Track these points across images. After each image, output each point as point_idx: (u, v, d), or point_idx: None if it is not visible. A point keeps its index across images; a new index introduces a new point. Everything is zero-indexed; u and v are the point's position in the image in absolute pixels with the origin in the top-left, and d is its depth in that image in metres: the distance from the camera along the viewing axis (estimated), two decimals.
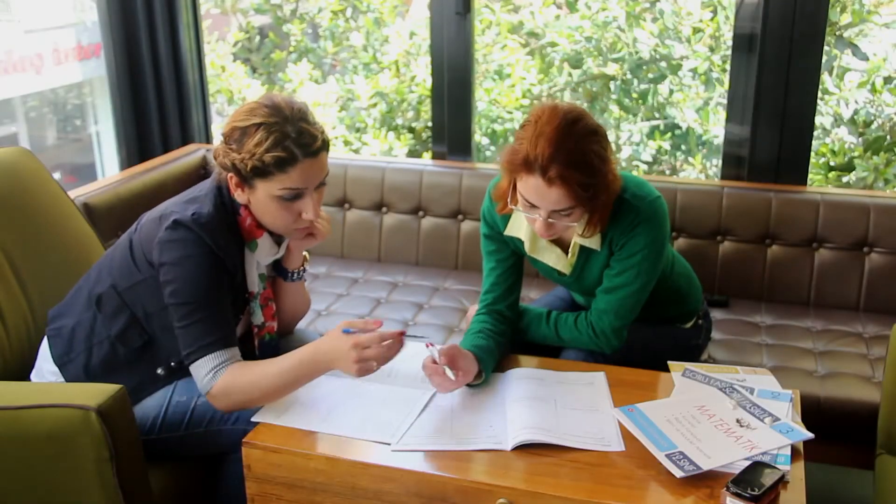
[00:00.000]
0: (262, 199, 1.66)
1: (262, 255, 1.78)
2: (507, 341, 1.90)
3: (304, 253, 1.89)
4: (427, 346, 1.65)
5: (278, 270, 1.89)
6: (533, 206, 1.71)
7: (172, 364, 1.77)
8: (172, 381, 1.78)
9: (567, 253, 1.89)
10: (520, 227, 1.88)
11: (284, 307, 1.92)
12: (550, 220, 1.71)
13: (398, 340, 1.61)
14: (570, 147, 1.64)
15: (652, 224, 1.79)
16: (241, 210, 1.71)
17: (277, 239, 1.81)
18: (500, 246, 1.94)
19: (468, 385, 1.72)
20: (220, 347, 1.63)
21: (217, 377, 1.62)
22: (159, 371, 1.77)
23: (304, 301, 1.97)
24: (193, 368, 1.64)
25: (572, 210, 1.70)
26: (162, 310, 1.71)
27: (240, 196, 1.69)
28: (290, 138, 1.60)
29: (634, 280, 1.82)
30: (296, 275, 1.89)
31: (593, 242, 1.83)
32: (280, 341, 1.94)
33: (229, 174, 1.66)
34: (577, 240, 1.84)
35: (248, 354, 1.73)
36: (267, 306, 1.82)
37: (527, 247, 1.89)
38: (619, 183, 1.76)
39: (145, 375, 1.77)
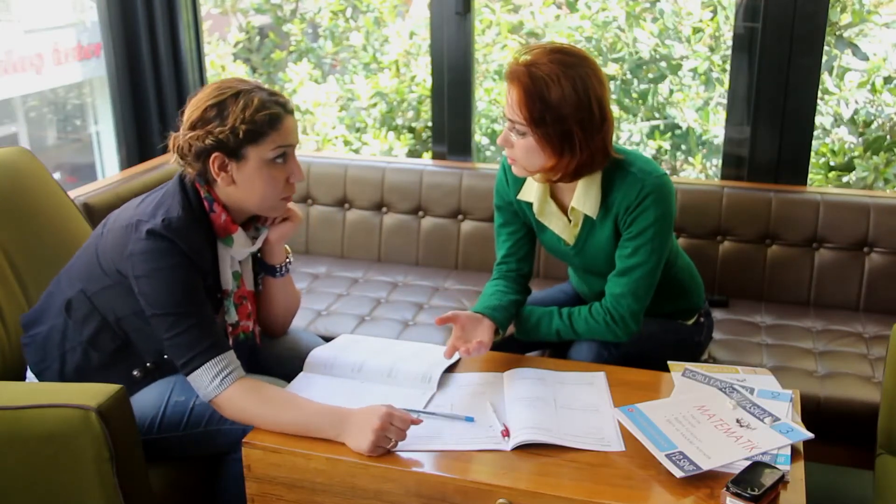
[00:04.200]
0: (251, 171, 1.66)
1: (237, 250, 1.76)
2: (522, 299, 1.99)
3: (286, 246, 1.89)
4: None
5: (265, 269, 1.89)
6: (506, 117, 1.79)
7: (148, 365, 1.77)
8: (150, 383, 1.78)
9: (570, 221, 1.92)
10: (531, 191, 1.92)
11: (278, 305, 1.92)
12: (510, 133, 1.78)
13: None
14: (542, 63, 1.72)
15: (660, 199, 1.81)
16: (215, 207, 1.70)
17: (253, 234, 1.81)
18: (511, 217, 2.00)
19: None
20: (216, 353, 1.62)
21: (224, 386, 1.61)
22: (135, 373, 1.76)
23: (295, 297, 1.97)
24: (193, 378, 1.62)
25: (524, 130, 1.74)
26: (133, 314, 1.70)
27: (224, 179, 1.67)
28: (270, 99, 1.65)
29: (649, 258, 1.83)
30: (283, 269, 1.89)
31: (589, 208, 1.85)
32: (276, 342, 1.95)
33: (213, 155, 1.65)
34: (573, 204, 1.86)
35: None
36: (241, 305, 1.80)
37: (535, 208, 1.92)
38: (595, 156, 1.77)
39: (122, 379, 1.74)
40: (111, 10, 3.18)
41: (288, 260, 1.91)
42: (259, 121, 1.63)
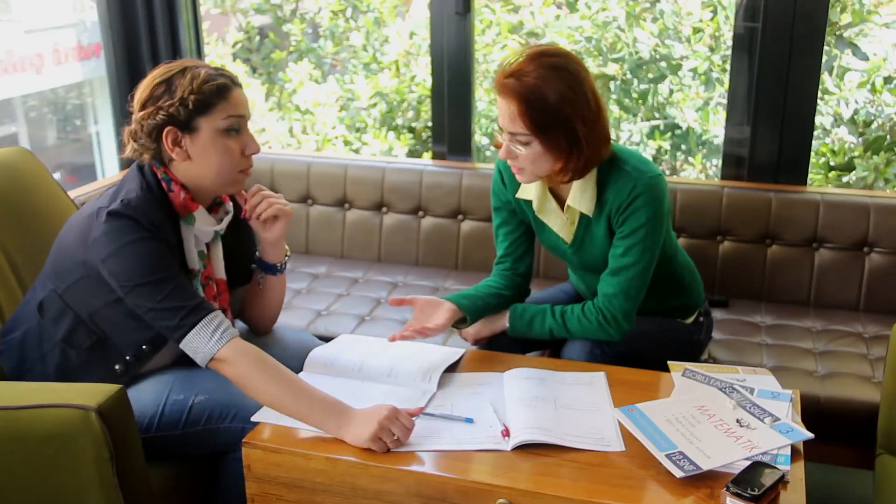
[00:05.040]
0: (205, 143, 1.67)
1: (200, 229, 1.76)
2: (511, 296, 2.00)
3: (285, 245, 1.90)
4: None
5: (266, 268, 1.89)
6: (501, 128, 1.79)
7: (128, 358, 1.75)
8: (133, 376, 1.77)
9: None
10: (530, 189, 1.93)
11: (272, 300, 1.93)
12: (511, 145, 1.77)
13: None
14: (530, 70, 1.72)
15: (652, 199, 1.81)
16: (173, 186, 1.70)
17: (221, 216, 1.82)
18: (509, 217, 2.02)
19: (453, 326, 1.92)
20: (206, 311, 1.61)
21: (223, 340, 1.59)
22: (117, 368, 1.75)
23: (284, 292, 1.98)
24: (189, 340, 1.59)
25: (528, 140, 1.74)
26: (104, 306, 1.70)
27: (179, 154, 1.67)
28: (216, 72, 1.68)
29: (640, 258, 1.84)
30: (283, 266, 1.90)
31: (584, 206, 1.86)
32: (266, 340, 1.95)
33: (165, 131, 1.65)
34: (569, 202, 1.88)
35: None
36: (208, 285, 1.79)
37: (535, 205, 1.93)
38: (599, 147, 1.78)
39: (104, 375, 1.73)
40: (111, 10, 3.18)
41: (287, 256, 1.92)
42: (207, 91, 1.64)
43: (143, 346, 1.75)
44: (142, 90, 1.69)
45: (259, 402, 1.63)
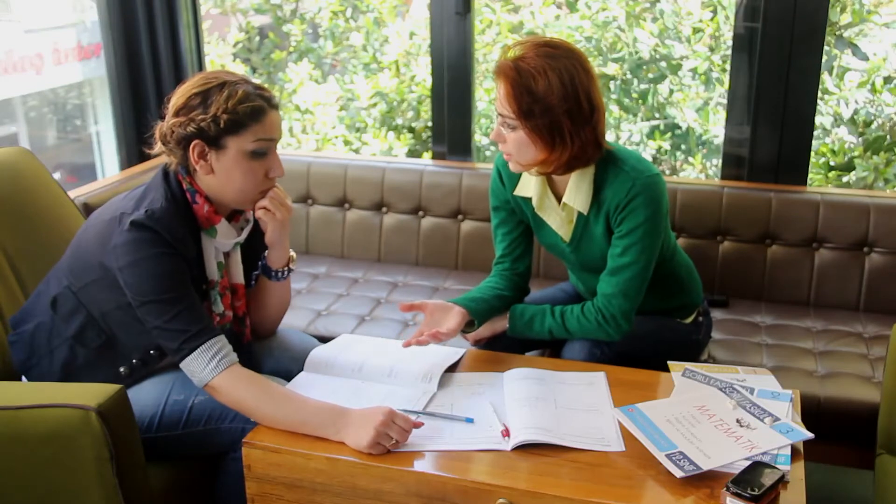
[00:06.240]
0: (230, 162, 1.66)
1: (221, 241, 1.76)
2: (513, 296, 2.01)
3: (292, 253, 1.89)
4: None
5: (264, 270, 1.89)
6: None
7: (134, 361, 1.76)
8: (137, 380, 1.77)
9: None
10: (528, 186, 1.93)
11: (269, 306, 1.92)
12: (502, 128, 1.79)
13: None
14: (529, 57, 1.74)
15: (650, 199, 1.81)
16: (197, 198, 1.71)
17: (242, 225, 1.81)
18: (507, 216, 2.03)
19: (462, 331, 1.91)
20: (208, 337, 1.61)
21: (219, 369, 1.60)
22: (122, 370, 1.76)
23: (287, 300, 1.97)
24: (187, 363, 1.61)
25: (515, 124, 1.76)
26: (117, 308, 1.70)
27: (202, 168, 1.67)
28: (254, 92, 1.67)
29: (639, 258, 1.84)
30: (281, 274, 1.88)
31: (580, 203, 1.87)
32: (266, 342, 1.95)
33: (193, 143, 1.65)
34: (565, 199, 1.88)
35: None
36: (224, 295, 1.80)
37: (534, 202, 1.93)
38: (587, 148, 1.78)
39: (108, 376, 1.74)
40: (111, 10, 3.18)
41: (289, 267, 1.90)
42: (241, 112, 1.64)
43: (151, 351, 1.75)
44: (178, 96, 1.68)
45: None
